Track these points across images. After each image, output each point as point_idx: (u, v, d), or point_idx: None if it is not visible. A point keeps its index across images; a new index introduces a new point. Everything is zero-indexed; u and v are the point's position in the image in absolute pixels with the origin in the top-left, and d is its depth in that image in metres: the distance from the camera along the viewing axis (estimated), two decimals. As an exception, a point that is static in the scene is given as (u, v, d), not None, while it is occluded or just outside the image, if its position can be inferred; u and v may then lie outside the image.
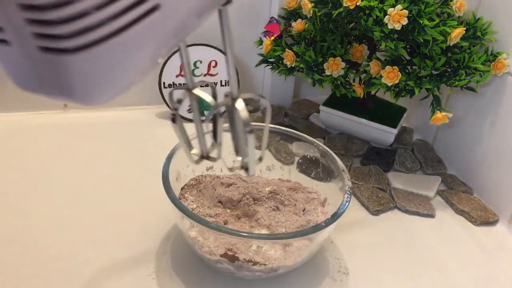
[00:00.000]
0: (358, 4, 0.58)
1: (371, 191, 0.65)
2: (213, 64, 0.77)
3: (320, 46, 0.66)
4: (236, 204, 0.54)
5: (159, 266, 0.51)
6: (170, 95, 0.39)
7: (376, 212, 0.62)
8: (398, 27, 0.57)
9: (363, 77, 0.69)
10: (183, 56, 0.35)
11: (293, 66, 0.67)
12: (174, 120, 0.37)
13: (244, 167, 0.39)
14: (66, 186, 0.61)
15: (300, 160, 0.61)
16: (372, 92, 0.75)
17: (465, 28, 0.61)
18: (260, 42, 0.74)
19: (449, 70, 0.63)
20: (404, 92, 0.63)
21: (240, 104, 0.35)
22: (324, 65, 0.65)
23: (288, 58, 0.66)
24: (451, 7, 0.62)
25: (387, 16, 0.57)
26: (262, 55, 0.72)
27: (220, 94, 0.36)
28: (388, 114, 0.75)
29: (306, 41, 0.67)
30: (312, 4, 0.65)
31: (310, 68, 0.66)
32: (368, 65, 0.65)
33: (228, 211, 0.54)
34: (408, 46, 0.64)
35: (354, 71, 0.68)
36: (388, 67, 0.62)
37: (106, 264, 0.50)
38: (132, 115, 0.78)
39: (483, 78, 0.62)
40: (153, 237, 0.54)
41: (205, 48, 0.76)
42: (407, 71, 0.63)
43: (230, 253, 0.46)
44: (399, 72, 0.61)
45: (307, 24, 0.68)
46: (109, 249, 0.52)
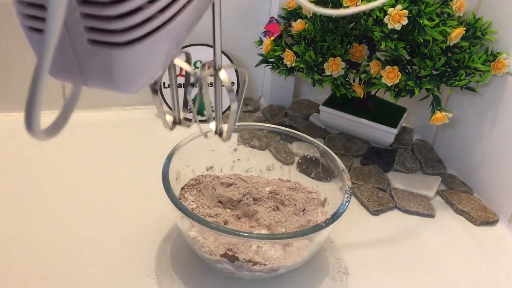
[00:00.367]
0: (358, 4, 0.58)
1: (371, 191, 0.65)
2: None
3: (320, 46, 0.66)
4: (236, 204, 0.54)
5: (159, 266, 0.51)
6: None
7: (376, 212, 0.62)
8: (398, 27, 0.57)
9: (363, 77, 0.69)
10: None
11: (293, 66, 0.67)
12: (156, 92, 0.39)
13: (219, 133, 0.41)
14: (66, 186, 0.61)
15: (300, 160, 0.61)
16: (372, 92, 0.75)
17: (465, 28, 0.61)
18: (260, 42, 0.74)
19: (449, 70, 0.63)
20: (404, 92, 0.63)
21: (223, 74, 0.37)
22: (324, 65, 0.65)
23: (288, 58, 0.66)
24: (451, 7, 0.62)
25: (387, 16, 0.57)
26: (262, 55, 0.72)
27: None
28: (388, 114, 0.75)
29: (306, 41, 0.67)
30: (312, 4, 0.65)
31: (310, 68, 0.66)
32: (368, 65, 0.65)
33: (228, 211, 0.54)
34: (408, 46, 0.64)
35: (354, 71, 0.68)
36: (388, 67, 0.62)
37: (106, 264, 0.50)
38: (132, 115, 0.78)
39: (483, 78, 0.62)
40: (153, 237, 0.54)
41: (205, 48, 0.76)
42: (407, 71, 0.63)
43: (230, 253, 0.46)
44: (399, 72, 0.61)
45: (307, 24, 0.68)
46: (109, 249, 0.52)
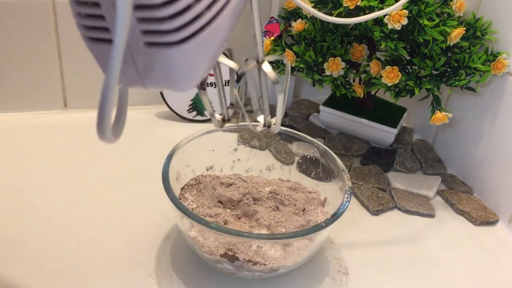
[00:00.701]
0: (358, 4, 0.58)
1: (371, 191, 0.65)
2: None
3: (320, 46, 0.66)
4: (236, 204, 0.54)
5: (159, 266, 0.51)
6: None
7: (376, 212, 0.62)
8: (398, 27, 0.57)
9: (363, 77, 0.69)
10: None
11: (293, 66, 0.67)
12: (204, 89, 0.40)
13: (267, 125, 0.43)
14: (66, 186, 0.61)
15: (300, 160, 0.61)
16: (372, 92, 0.75)
17: (465, 28, 0.61)
18: (260, 42, 0.74)
19: (449, 70, 0.63)
20: (404, 92, 0.63)
21: (266, 66, 0.37)
22: (324, 65, 0.65)
23: (288, 58, 0.66)
24: (451, 7, 0.62)
25: (387, 16, 0.57)
26: (262, 55, 0.72)
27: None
28: (388, 114, 0.75)
29: (306, 41, 0.67)
30: (312, 4, 0.65)
31: (310, 68, 0.66)
32: (368, 65, 0.65)
33: (228, 211, 0.54)
34: (408, 46, 0.64)
35: (354, 71, 0.68)
36: (388, 67, 0.62)
37: (106, 264, 0.50)
38: (132, 115, 0.77)
39: (483, 78, 0.62)
40: (153, 237, 0.54)
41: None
42: (407, 71, 0.63)
43: (230, 253, 0.46)
44: (399, 72, 0.61)
45: (307, 24, 0.68)
46: (109, 249, 0.52)
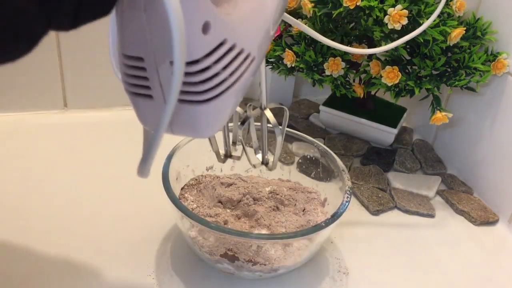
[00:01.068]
0: (358, 4, 0.58)
1: (371, 191, 0.65)
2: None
3: (320, 46, 0.66)
4: (236, 204, 0.54)
5: (159, 266, 0.51)
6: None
7: (376, 212, 0.62)
8: (398, 27, 0.57)
9: (363, 77, 0.69)
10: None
11: (293, 66, 0.67)
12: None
13: (265, 163, 0.49)
14: (65, 186, 0.61)
15: (300, 160, 0.61)
16: (372, 92, 0.75)
17: (465, 28, 0.61)
18: (260, 42, 0.74)
19: (449, 70, 0.63)
20: (404, 92, 0.63)
21: (268, 112, 0.46)
22: (324, 65, 0.65)
23: (288, 58, 0.66)
24: (451, 7, 0.62)
25: (387, 16, 0.57)
26: (262, 55, 0.72)
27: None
28: (388, 114, 0.75)
29: (306, 41, 0.67)
30: (312, 4, 0.65)
31: (310, 68, 0.66)
32: (368, 65, 0.65)
33: (228, 211, 0.54)
34: (408, 46, 0.64)
35: (354, 71, 0.68)
36: (388, 67, 0.62)
37: (106, 264, 0.50)
38: (132, 115, 0.77)
39: (483, 78, 0.62)
40: (153, 237, 0.54)
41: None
42: (407, 71, 0.63)
43: (230, 253, 0.46)
44: (399, 72, 0.61)
45: (307, 24, 0.68)
46: (109, 249, 0.52)
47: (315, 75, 0.66)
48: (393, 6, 0.57)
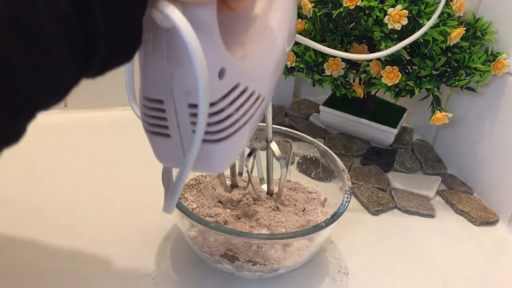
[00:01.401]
0: (358, 4, 0.58)
1: (371, 191, 0.65)
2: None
3: (320, 46, 0.66)
4: (236, 204, 0.54)
5: (159, 266, 0.51)
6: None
7: (376, 212, 0.62)
8: (398, 27, 0.57)
9: (363, 77, 0.69)
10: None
11: (293, 66, 0.67)
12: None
13: (270, 193, 0.54)
14: (65, 185, 0.61)
15: (300, 160, 0.61)
16: (372, 92, 0.75)
17: (465, 28, 0.61)
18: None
19: (449, 70, 0.63)
20: (404, 92, 0.63)
21: (274, 145, 0.50)
22: (324, 65, 0.65)
23: (288, 58, 0.66)
24: (451, 7, 0.62)
25: (387, 16, 0.57)
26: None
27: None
28: (388, 114, 0.75)
29: (306, 41, 0.67)
30: (312, 4, 0.65)
31: (310, 68, 0.66)
32: (368, 65, 0.65)
33: (228, 211, 0.54)
34: (408, 46, 0.64)
35: (354, 71, 0.68)
36: (388, 67, 0.62)
37: (106, 264, 0.50)
38: (132, 115, 0.77)
39: (483, 78, 0.62)
40: (153, 237, 0.54)
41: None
42: (407, 71, 0.63)
43: (230, 253, 0.46)
44: (399, 72, 0.61)
45: (307, 24, 0.68)
46: (109, 249, 0.52)
47: (315, 75, 0.66)
48: (393, 6, 0.57)
